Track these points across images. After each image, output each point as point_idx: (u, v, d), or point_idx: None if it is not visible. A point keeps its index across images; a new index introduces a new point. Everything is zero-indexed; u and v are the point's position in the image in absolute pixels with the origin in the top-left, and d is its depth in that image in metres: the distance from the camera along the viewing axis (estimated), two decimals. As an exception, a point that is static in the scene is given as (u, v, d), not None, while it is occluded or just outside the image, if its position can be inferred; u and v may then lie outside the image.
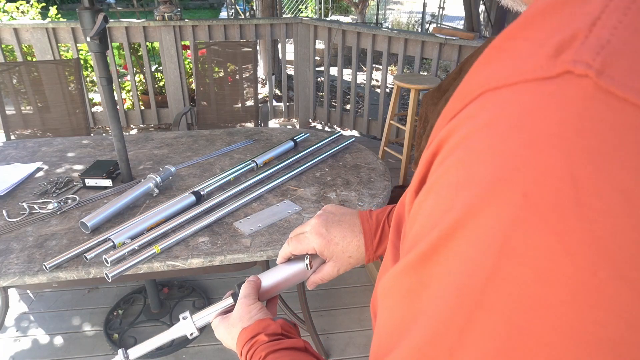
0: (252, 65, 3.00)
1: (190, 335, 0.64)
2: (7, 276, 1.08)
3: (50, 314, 2.05)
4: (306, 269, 0.63)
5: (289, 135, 1.94)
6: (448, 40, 3.11)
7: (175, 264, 1.15)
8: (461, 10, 3.78)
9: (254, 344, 0.53)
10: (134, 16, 7.10)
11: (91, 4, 1.23)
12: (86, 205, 1.40)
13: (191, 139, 1.92)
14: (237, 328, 0.57)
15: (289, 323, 0.57)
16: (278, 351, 0.51)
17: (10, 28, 3.42)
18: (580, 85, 0.17)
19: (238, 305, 0.59)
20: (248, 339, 0.54)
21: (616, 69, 0.16)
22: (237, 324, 0.57)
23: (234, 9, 8.45)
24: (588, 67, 0.17)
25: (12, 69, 2.48)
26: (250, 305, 0.58)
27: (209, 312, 0.64)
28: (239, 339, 0.55)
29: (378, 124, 3.77)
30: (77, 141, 1.91)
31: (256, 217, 1.32)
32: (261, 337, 0.53)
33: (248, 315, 0.57)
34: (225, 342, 0.61)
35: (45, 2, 5.14)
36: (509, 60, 0.20)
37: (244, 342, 0.54)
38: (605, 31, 0.17)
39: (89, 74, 4.48)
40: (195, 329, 0.63)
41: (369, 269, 2.29)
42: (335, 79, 4.52)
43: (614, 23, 0.17)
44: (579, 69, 0.17)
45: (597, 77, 0.16)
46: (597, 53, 0.17)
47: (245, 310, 0.58)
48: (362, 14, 8.24)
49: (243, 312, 0.58)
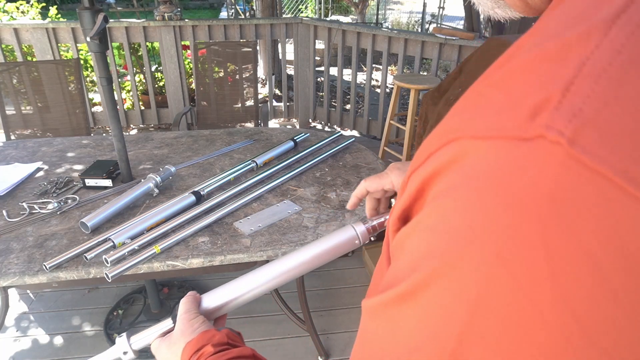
0: (252, 65, 3.00)
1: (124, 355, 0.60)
2: (7, 276, 1.08)
3: (50, 314, 2.05)
4: None
5: (289, 135, 1.94)
6: (448, 40, 3.12)
7: (175, 264, 1.15)
8: (461, 10, 3.78)
9: (200, 356, 0.51)
10: (134, 16, 7.10)
11: (91, 4, 1.23)
12: (86, 205, 1.40)
13: (191, 139, 1.92)
14: (180, 344, 0.54)
15: (234, 332, 0.56)
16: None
17: (10, 28, 3.42)
18: (554, 152, 0.17)
19: (179, 322, 0.57)
20: (193, 352, 0.52)
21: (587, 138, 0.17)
22: (179, 339, 0.55)
23: (234, 9, 8.45)
24: (560, 134, 0.17)
25: (12, 69, 2.48)
26: (191, 320, 0.56)
27: (147, 333, 0.60)
28: (184, 354, 0.53)
29: (378, 124, 3.77)
30: (77, 141, 1.91)
31: (256, 217, 1.32)
32: (207, 349, 0.51)
33: (190, 329, 0.55)
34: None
35: (45, 2, 5.14)
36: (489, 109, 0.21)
37: (188, 355, 0.52)
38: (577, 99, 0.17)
39: (89, 74, 4.48)
40: (129, 349, 0.60)
41: (369, 269, 2.29)
42: (335, 79, 4.52)
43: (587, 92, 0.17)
44: (552, 136, 0.17)
45: (569, 146, 0.17)
46: (569, 121, 0.17)
47: (186, 325, 0.56)
48: (362, 14, 8.24)
49: (185, 327, 0.56)
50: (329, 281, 2.28)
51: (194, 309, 0.58)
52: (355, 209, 1.38)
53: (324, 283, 2.26)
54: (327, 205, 1.40)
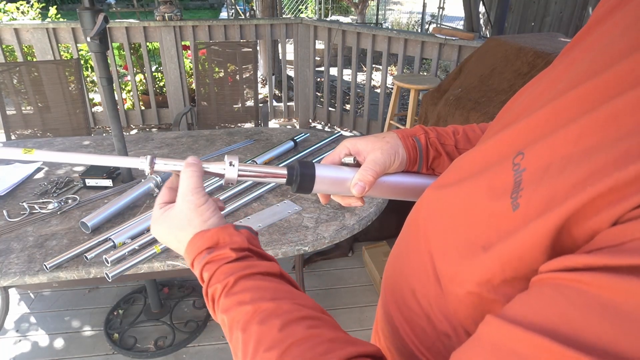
0: (252, 65, 3.00)
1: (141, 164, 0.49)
2: (8, 276, 1.08)
3: (51, 314, 2.05)
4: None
5: (289, 135, 1.94)
6: (448, 40, 3.12)
7: (175, 264, 1.15)
8: (461, 10, 3.78)
9: (215, 259, 0.42)
10: (134, 16, 7.11)
11: (91, 4, 1.23)
12: (86, 205, 1.40)
13: (191, 139, 1.92)
14: (187, 231, 0.45)
15: (253, 232, 0.46)
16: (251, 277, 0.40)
17: (10, 28, 3.42)
18: None
19: (183, 204, 0.45)
20: (205, 248, 0.43)
21: None
22: (185, 227, 0.45)
23: (234, 9, 8.45)
24: None
25: (13, 69, 2.49)
26: (200, 207, 0.45)
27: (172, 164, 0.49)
28: (191, 245, 0.44)
29: (378, 124, 3.77)
30: (77, 141, 1.91)
31: (256, 217, 1.32)
32: (226, 252, 0.42)
33: (200, 218, 0.44)
34: (167, 242, 0.48)
35: (45, 2, 5.14)
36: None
37: (199, 250, 0.43)
38: None
39: (89, 74, 4.48)
40: (147, 167, 0.48)
41: (369, 269, 2.29)
42: (335, 79, 4.52)
43: None
44: None
45: None
46: None
47: (194, 212, 0.44)
48: (362, 14, 8.24)
49: (192, 213, 0.45)
50: (329, 281, 2.28)
51: (202, 190, 0.46)
52: (356, 208, 1.38)
53: (324, 283, 2.26)
54: (327, 205, 1.40)
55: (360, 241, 2.50)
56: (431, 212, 0.44)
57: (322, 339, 0.36)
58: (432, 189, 0.46)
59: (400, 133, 0.56)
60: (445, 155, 0.56)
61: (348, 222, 1.31)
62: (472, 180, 0.39)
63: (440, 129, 0.58)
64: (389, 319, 0.48)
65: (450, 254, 0.38)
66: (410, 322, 0.43)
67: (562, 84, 0.35)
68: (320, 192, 0.53)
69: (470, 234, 0.36)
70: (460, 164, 0.44)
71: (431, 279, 0.40)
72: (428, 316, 0.41)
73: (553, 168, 0.30)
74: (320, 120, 4.33)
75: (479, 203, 0.36)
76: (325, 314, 0.40)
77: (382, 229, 2.36)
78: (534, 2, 5.45)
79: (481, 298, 0.34)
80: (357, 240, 2.50)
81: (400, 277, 0.46)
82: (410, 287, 0.44)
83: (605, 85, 0.30)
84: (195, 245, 0.43)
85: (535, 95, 0.39)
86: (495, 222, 0.33)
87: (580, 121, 0.30)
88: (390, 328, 0.47)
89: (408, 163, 0.55)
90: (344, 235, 1.27)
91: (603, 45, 0.33)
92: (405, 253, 0.47)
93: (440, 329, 0.40)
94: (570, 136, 0.30)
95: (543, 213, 0.28)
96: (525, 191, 0.31)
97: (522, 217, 0.30)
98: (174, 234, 0.46)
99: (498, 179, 0.35)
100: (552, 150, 0.31)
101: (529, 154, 0.33)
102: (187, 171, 0.46)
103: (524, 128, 0.36)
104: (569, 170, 0.28)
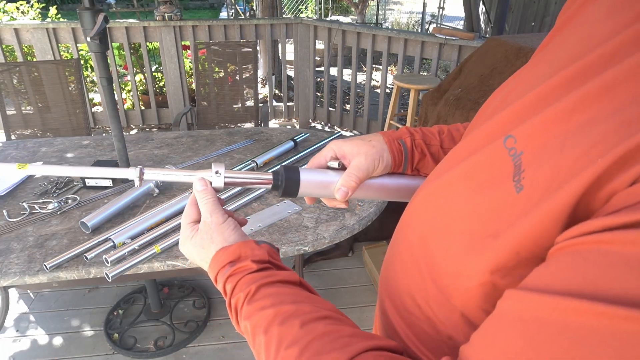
0: (252, 65, 3.00)
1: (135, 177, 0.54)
2: (8, 276, 1.08)
3: (50, 314, 2.05)
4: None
5: (289, 135, 1.94)
6: (448, 40, 3.12)
7: (175, 264, 1.15)
8: (461, 10, 3.78)
9: (237, 271, 0.44)
10: (134, 16, 7.11)
11: (91, 4, 1.23)
12: (86, 205, 1.40)
13: (191, 139, 1.92)
14: (209, 250, 0.47)
15: (274, 248, 0.48)
16: (272, 285, 0.42)
17: (10, 28, 3.42)
18: None
19: (204, 226, 0.49)
20: (228, 262, 0.45)
21: None
22: (209, 246, 0.48)
23: (234, 9, 8.46)
24: None
25: (13, 69, 2.49)
26: (221, 225, 0.48)
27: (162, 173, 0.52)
28: (215, 261, 0.46)
29: (378, 124, 3.77)
30: (77, 141, 1.91)
31: (256, 217, 1.32)
32: (247, 264, 0.44)
33: (221, 236, 0.47)
34: (194, 261, 0.51)
35: (45, 2, 5.14)
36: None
37: (222, 264, 0.45)
38: None
39: (89, 74, 4.48)
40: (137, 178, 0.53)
41: (369, 269, 2.29)
42: (335, 79, 4.52)
43: None
44: None
45: None
46: None
47: (216, 231, 0.48)
48: (362, 14, 8.25)
49: (214, 233, 0.48)
50: (329, 281, 2.28)
51: (220, 209, 0.49)
52: (356, 208, 1.38)
53: (324, 283, 2.26)
54: (327, 205, 1.40)
55: (360, 241, 2.51)
56: (424, 214, 0.44)
57: (341, 334, 0.37)
58: (421, 191, 0.46)
59: (387, 136, 0.56)
60: (430, 156, 0.57)
61: (348, 222, 1.31)
62: (458, 169, 0.39)
63: (426, 129, 0.59)
64: (388, 322, 0.47)
65: (453, 251, 0.37)
66: (412, 326, 0.43)
67: (543, 72, 0.36)
68: (305, 195, 0.55)
69: (474, 227, 0.35)
70: (446, 158, 0.45)
71: (427, 282, 0.40)
72: (430, 319, 0.41)
73: (551, 146, 0.30)
74: (320, 120, 4.33)
75: (477, 194, 0.36)
76: (344, 316, 0.41)
77: (382, 229, 2.36)
78: (534, 2, 5.45)
79: (494, 285, 0.33)
80: (357, 240, 2.50)
81: (397, 282, 0.46)
82: (408, 292, 0.43)
83: (590, 66, 0.30)
84: (219, 260, 0.46)
85: (516, 87, 0.40)
86: (501, 209, 0.33)
87: (570, 98, 0.30)
88: (390, 330, 0.47)
89: (393, 166, 0.56)
90: (344, 235, 1.27)
91: (581, 35, 0.34)
92: (399, 258, 0.47)
93: (443, 331, 0.39)
94: (561, 114, 0.30)
95: (551, 191, 0.28)
96: (527, 172, 0.31)
97: (528, 198, 0.30)
98: (198, 253, 0.49)
99: (494, 166, 0.35)
100: (545, 129, 0.31)
101: (519, 135, 0.33)
102: (200, 197, 0.50)
103: (510, 114, 0.36)
104: (569, 147, 0.28)
